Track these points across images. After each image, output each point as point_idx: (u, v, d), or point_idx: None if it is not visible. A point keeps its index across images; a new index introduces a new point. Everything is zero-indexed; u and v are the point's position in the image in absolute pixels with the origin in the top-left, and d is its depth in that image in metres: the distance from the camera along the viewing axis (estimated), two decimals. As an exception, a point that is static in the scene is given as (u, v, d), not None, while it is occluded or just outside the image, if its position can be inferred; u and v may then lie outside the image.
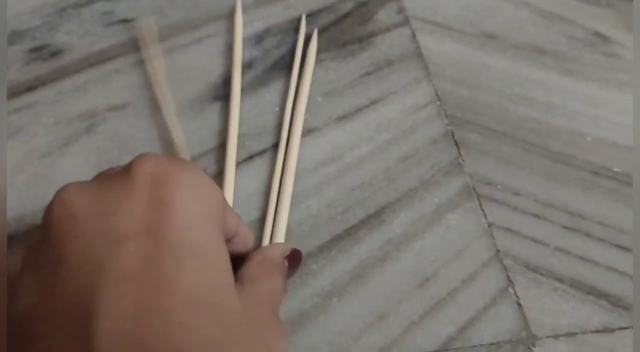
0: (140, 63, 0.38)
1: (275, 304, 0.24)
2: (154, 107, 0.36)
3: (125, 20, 0.41)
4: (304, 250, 0.30)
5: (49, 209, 0.19)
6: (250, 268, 0.24)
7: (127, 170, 0.20)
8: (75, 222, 0.18)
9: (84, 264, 0.17)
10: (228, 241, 0.23)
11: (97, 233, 0.18)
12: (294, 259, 0.27)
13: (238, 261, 0.25)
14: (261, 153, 0.34)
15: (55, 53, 0.39)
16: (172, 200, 0.19)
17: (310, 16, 0.42)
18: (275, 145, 0.34)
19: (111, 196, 0.19)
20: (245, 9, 0.41)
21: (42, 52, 0.39)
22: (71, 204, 0.19)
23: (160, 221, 0.18)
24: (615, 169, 0.35)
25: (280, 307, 0.25)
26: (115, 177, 0.20)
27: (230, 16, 0.41)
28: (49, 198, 0.20)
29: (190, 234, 0.19)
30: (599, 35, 0.42)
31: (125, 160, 0.22)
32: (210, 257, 0.19)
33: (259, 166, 0.34)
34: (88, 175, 0.23)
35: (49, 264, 0.18)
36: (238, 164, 0.33)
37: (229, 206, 0.23)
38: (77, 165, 0.33)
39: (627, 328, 0.29)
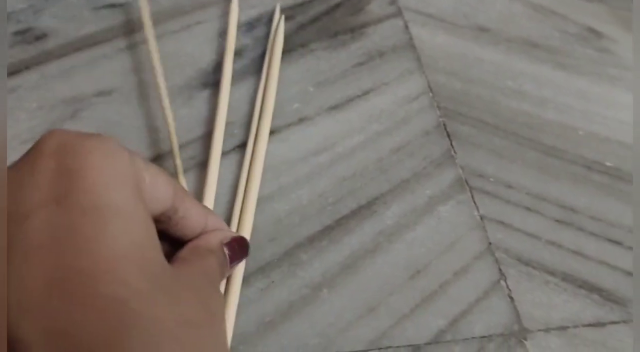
0: (128, 48, 0.37)
1: (209, 279, 0.22)
2: (142, 93, 0.35)
3: (112, 5, 0.40)
4: (293, 240, 0.30)
5: None
6: (182, 252, 0.23)
7: (33, 146, 0.20)
8: None
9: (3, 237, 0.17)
10: (168, 218, 0.22)
11: (11, 205, 0.18)
12: (237, 246, 0.25)
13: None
14: (246, 143, 0.33)
15: (40, 37, 0.38)
16: (80, 167, 0.19)
17: (302, 5, 0.41)
18: (271, 132, 0.34)
19: (18, 172, 0.19)
20: (236, -3, 0.41)
21: (26, 35, 0.37)
22: None
23: (70, 187, 0.18)
24: (607, 164, 0.34)
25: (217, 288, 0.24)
26: (25, 154, 0.20)
27: (221, 3, 0.40)
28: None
29: (103, 197, 0.18)
30: (592, 30, 0.42)
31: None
32: (129, 217, 0.19)
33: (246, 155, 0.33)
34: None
35: None
36: (225, 153, 0.33)
37: (164, 178, 0.22)
38: (61, 151, 0.32)
39: (618, 322, 0.29)
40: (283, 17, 0.39)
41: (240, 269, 0.28)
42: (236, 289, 0.27)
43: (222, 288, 0.27)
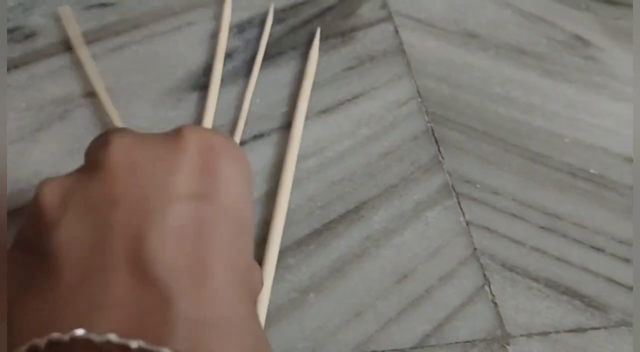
0: (119, 48, 0.37)
1: None
2: (131, 94, 0.35)
3: (103, 5, 0.40)
4: (281, 244, 0.30)
5: (105, 152, 0.19)
6: None
7: (177, 134, 0.20)
8: (133, 172, 0.19)
9: (137, 213, 0.18)
10: None
11: (151, 186, 0.18)
12: None
13: None
14: (241, 144, 0.34)
15: (29, 35, 0.37)
16: (222, 169, 0.20)
17: (294, 8, 0.41)
18: (257, 136, 0.34)
19: (166, 155, 0.19)
20: (227, -2, 0.41)
21: (15, 34, 0.37)
22: (130, 153, 0.19)
23: (212, 187, 0.19)
24: (592, 171, 0.35)
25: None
26: (168, 138, 0.20)
27: (212, 4, 0.40)
28: (20, 185, 0.20)
29: (237, 206, 0.19)
30: (579, 38, 0.42)
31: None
32: (249, 231, 0.20)
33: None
34: (61, 162, 0.22)
35: (101, 205, 0.18)
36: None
37: None
38: (50, 152, 0.32)
39: (599, 328, 0.29)
40: (318, 30, 0.39)
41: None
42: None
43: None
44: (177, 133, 0.20)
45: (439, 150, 0.35)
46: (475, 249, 0.31)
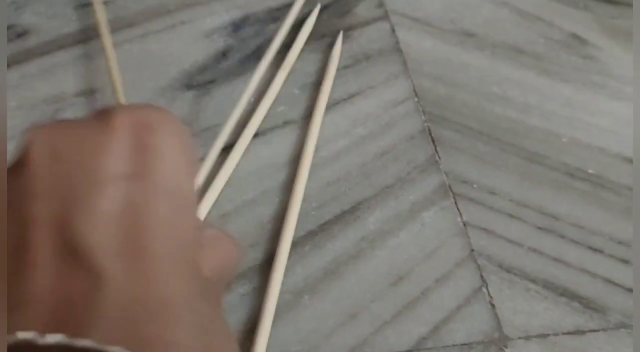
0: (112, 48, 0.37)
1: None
2: (126, 93, 0.35)
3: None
4: (276, 245, 0.30)
5: (26, 146, 0.18)
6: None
7: (105, 115, 0.19)
8: (56, 161, 0.18)
9: (63, 202, 0.17)
10: None
11: (79, 173, 0.18)
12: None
13: None
14: (232, 145, 0.33)
15: (22, 34, 0.37)
16: (158, 145, 0.19)
17: (289, 7, 0.41)
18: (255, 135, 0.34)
19: (93, 138, 0.18)
20: (222, -4, 0.40)
21: (7, 32, 0.37)
22: (53, 143, 0.18)
23: (146, 165, 0.18)
24: (590, 171, 0.35)
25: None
26: (96, 121, 0.19)
27: (205, 3, 0.40)
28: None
29: (175, 181, 0.19)
30: (576, 37, 0.42)
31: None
32: (191, 205, 0.19)
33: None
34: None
35: (21, 200, 0.17)
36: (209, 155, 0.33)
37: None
38: (42, 152, 0.32)
39: (597, 331, 0.29)
40: (341, 33, 0.39)
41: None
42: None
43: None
44: (105, 114, 0.19)
45: (435, 150, 0.35)
46: (472, 250, 0.31)
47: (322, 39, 0.39)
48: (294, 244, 0.30)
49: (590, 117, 0.37)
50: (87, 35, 0.37)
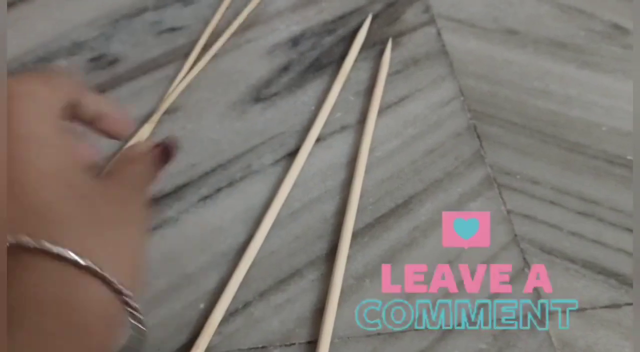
0: (188, 68, 0.42)
1: (131, 184, 0.25)
2: (201, 109, 0.40)
3: (172, 29, 0.45)
4: (339, 237, 0.34)
5: None
6: (108, 166, 0.26)
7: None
8: None
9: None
10: (92, 122, 0.26)
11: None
12: (165, 151, 0.26)
13: None
14: (295, 151, 0.38)
15: (112, 62, 0.43)
16: (12, 109, 0.22)
17: (342, 19, 0.45)
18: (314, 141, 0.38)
19: None
20: (280, 14, 0.45)
21: (100, 61, 0.43)
22: None
23: (6, 126, 0.22)
24: (629, 157, 0.37)
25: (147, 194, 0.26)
26: None
27: (267, 21, 0.45)
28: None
29: (27, 129, 0.22)
30: (617, 27, 0.44)
31: (176, 160, 0.26)
32: (50, 143, 0.22)
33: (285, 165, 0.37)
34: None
35: None
36: (277, 161, 0.37)
37: (85, 91, 0.25)
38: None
39: (632, 304, 0.32)
40: (390, 40, 0.43)
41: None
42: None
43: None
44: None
45: (480, 145, 0.38)
46: (515, 235, 0.34)
47: (374, 46, 0.43)
48: (354, 236, 0.34)
49: (629, 105, 0.40)
50: (166, 59, 0.43)
